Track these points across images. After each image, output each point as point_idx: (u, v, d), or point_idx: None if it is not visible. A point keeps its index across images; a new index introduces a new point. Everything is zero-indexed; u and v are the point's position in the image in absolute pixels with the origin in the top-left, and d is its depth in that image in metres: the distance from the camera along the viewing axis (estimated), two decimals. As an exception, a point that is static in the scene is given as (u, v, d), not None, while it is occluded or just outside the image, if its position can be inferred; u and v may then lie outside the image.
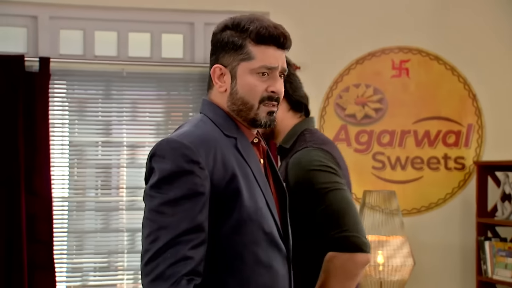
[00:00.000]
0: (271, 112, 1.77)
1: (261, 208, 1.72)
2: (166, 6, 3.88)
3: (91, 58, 3.84)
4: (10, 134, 3.52)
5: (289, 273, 1.79)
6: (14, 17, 3.77)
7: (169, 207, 1.63)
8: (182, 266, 1.60)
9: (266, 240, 1.72)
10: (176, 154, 1.65)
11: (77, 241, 3.80)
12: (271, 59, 1.76)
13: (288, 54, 4.10)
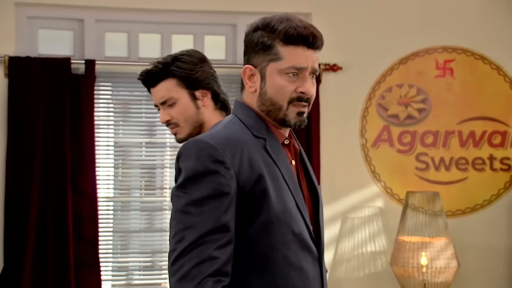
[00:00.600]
0: (300, 113, 1.75)
1: (290, 209, 1.70)
2: (208, 8, 3.89)
3: (135, 60, 3.87)
4: (57, 135, 3.56)
5: (320, 276, 1.77)
6: (62, 21, 3.82)
7: (195, 207, 1.63)
8: (208, 266, 1.60)
9: (296, 242, 1.70)
10: (202, 154, 1.65)
11: (122, 241, 3.84)
12: (300, 60, 1.73)
13: (331, 54, 4.11)
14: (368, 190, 3.96)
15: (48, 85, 3.58)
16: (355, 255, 3.88)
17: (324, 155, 3.89)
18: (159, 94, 2.17)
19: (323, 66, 3.88)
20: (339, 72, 3.94)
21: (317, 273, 1.76)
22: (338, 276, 3.86)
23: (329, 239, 3.87)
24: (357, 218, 3.89)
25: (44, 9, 3.78)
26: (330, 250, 3.88)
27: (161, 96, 2.17)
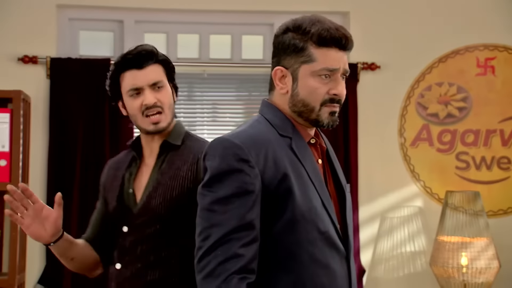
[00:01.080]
0: (333, 113, 1.76)
1: (316, 207, 1.71)
2: (246, 8, 3.88)
3: (174, 60, 3.86)
4: (97, 135, 3.60)
5: (348, 274, 1.77)
6: (102, 22, 3.85)
7: (220, 205, 1.64)
8: (233, 263, 1.61)
9: (322, 240, 1.70)
10: (226, 153, 1.66)
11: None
12: (332, 61, 1.73)
13: (369, 53, 4.07)
14: (407, 190, 3.91)
15: (88, 86, 3.61)
16: (394, 255, 3.84)
17: (362, 154, 3.85)
18: (149, 76, 2.13)
19: (361, 65, 3.84)
20: (377, 71, 3.90)
21: (345, 271, 1.75)
22: (376, 276, 3.82)
23: (368, 239, 3.84)
24: (396, 218, 3.85)
25: (85, 11, 3.82)
26: (369, 250, 3.84)
27: (152, 78, 2.14)
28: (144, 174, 2.19)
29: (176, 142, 2.17)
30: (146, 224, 2.10)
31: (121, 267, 2.13)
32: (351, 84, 3.81)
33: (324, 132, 3.66)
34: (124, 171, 2.22)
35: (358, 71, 3.83)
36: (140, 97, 2.14)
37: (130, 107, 2.16)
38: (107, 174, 2.29)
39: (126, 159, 2.26)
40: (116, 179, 2.22)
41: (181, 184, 2.11)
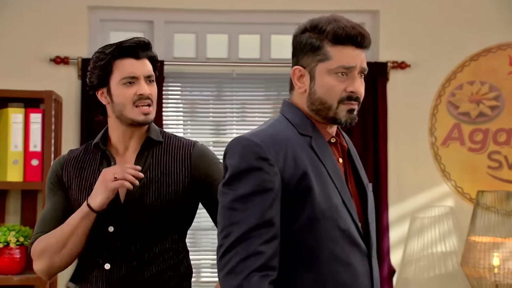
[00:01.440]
0: (351, 110, 1.77)
1: (336, 206, 1.72)
2: (275, 8, 3.86)
3: (203, 60, 3.88)
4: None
5: (370, 272, 1.77)
6: (132, 23, 3.87)
7: (240, 203, 1.66)
8: (253, 261, 1.63)
9: (344, 237, 1.72)
10: (246, 152, 1.68)
11: (193, 238, 3.84)
12: (348, 59, 1.75)
13: (399, 51, 4.02)
14: (438, 189, 3.85)
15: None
16: (425, 255, 3.79)
17: (392, 153, 3.80)
18: (146, 67, 2.10)
19: (391, 63, 3.80)
20: (408, 69, 3.85)
21: (366, 269, 1.76)
22: (407, 276, 3.78)
23: (398, 239, 3.79)
24: (427, 217, 3.80)
25: (116, 12, 3.83)
26: (399, 250, 3.79)
27: (148, 70, 2.11)
28: None
29: (159, 139, 2.14)
30: (139, 222, 2.07)
31: (111, 267, 2.07)
32: (381, 83, 3.77)
33: (354, 131, 3.65)
34: (95, 169, 2.12)
35: (388, 70, 3.79)
36: (134, 86, 2.08)
37: (121, 96, 2.08)
38: (67, 173, 2.15)
39: (90, 158, 2.16)
40: (85, 179, 2.12)
41: (175, 180, 2.10)
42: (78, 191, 2.12)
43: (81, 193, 2.12)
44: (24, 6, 3.65)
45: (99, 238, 2.08)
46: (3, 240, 3.22)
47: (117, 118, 2.12)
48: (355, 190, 1.83)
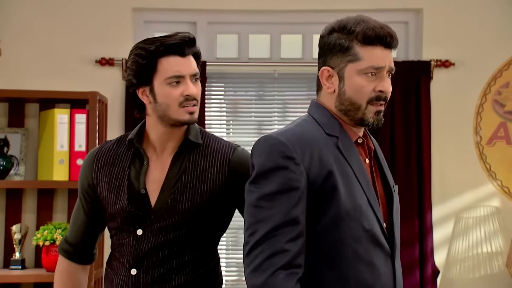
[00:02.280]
0: (378, 112, 1.77)
1: (361, 205, 1.71)
2: (316, 7, 3.80)
3: (245, 60, 3.85)
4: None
5: (393, 272, 1.77)
6: (176, 24, 3.86)
7: (266, 201, 1.67)
8: (279, 258, 1.63)
9: (367, 237, 1.71)
10: (272, 151, 1.69)
11: (233, 237, 3.82)
12: (378, 60, 1.75)
13: (443, 50, 3.91)
14: (483, 189, 3.75)
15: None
16: (470, 255, 3.68)
17: (435, 153, 3.71)
18: (192, 65, 1.98)
19: (434, 62, 3.70)
20: (451, 68, 3.75)
21: (389, 269, 1.75)
22: (451, 277, 3.68)
23: (442, 239, 3.71)
24: (472, 218, 3.69)
25: (160, 14, 3.83)
26: (443, 251, 3.70)
27: (194, 68, 1.98)
28: (157, 173, 2.01)
29: (198, 141, 2.02)
30: (170, 228, 1.96)
31: (137, 272, 1.97)
32: (424, 81, 3.68)
33: (397, 130, 3.56)
34: (125, 167, 2.03)
35: (432, 69, 3.70)
36: (181, 86, 1.95)
37: (166, 96, 1.95)
38: (98, 169, 2.06)
39: (122, 154, 2.05)
40: (115, 177, 2.03)
41: (210, 188, 1.99)
42: (107, 190, 2.03)
43: (110, 192, 2.02)
44: (70, 8, 3.68)
45: (128, 241, 1.99)
46: (50, 238, 3.25)
47: (158, 118, 1.99)
48: (381, 191, 1.82)
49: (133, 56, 1.98)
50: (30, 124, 3.59)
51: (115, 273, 2.03)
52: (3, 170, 3.40)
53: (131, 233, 1.99)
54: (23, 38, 3.62)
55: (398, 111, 3.65)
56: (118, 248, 2.03)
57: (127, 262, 1.99)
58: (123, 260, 2.00)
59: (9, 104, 3.57)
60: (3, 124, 3.57)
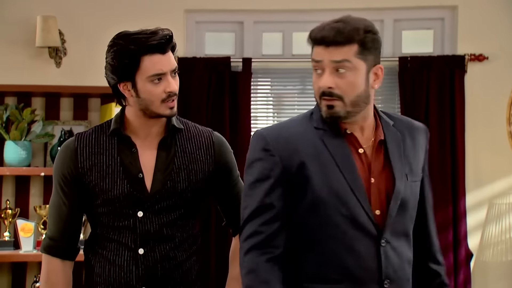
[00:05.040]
0: (328, 106, 1.74)
1: (337, 192, 1.72)
2: (357, 6, 3.77)
3: (289, 56, 3.86)
4: (218, 125, 3.62)
5: (378, 257, 1.73)
6: (225, 24, 3.89)
7: (249, 189, 1.78)
8: (252, 239, 1.74)
9: (346, 223, 1.72)
10: (254, 144, 1.79)
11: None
12: (315, 54, 1.82)
13: (476, 44, 3.84)
14: (515, 177, 3.68)
15: (210, 82, 3.67)
16: (503, 239, 3.63)
17: (469, 143, 3.69)
18: (171, 62, 1.95)
19: (468, 56, 3.64)
20: (485, 62, 3.68)
21: (373, 254, 1.72)
22: (484, 259, 3.64)
23: (475, 224, 3.68)
24: (504, 204, 3.63)
25: (210, 14, 3.87)
26: (476, 235, 3.67)
27: (173, 63, 1.96)
28: (146, 158, 2.00)
29: (180, 126, 2.04)
30: (170, 208, 1.99)
31: (145, 251, 1.97)
32: (459, 75, 3.64)
33: (431, 121, 3.51)
34: (114, 155, 1.98)
35: (466, 63, 3.65)
36: (162, 83, 1.93)
37: (149, 93, 1.93)
38: (83, 159, 1.99)
39: (106, 142, 2.00)
40: (105, 164, 1.98)
41: (201, 168, 2.03)
42: (99, 177, 1.98)
43: (103, 179, 1.97)
44: (126, 11, 3.74)
45: (127, 223, 1.97)
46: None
47: (140, 110, 1.97)
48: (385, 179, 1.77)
49: (113, 52, 1.94)
50: (92, 117, 3.68)
51: (116, 254, 1.98)
52: (68, 159, 3.48)
53: (130, 216, 1.97)
54: (86, 39, 3.71)
55: (433, 103, 3.62)
56: (114, 231, 1.99)
57: (131, 242, 1.97)
58: (125, 240, 1.97)
59: (74, 99, 3.67)
60: (68, 117, 3.67)
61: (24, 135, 3.48)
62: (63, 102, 3.67)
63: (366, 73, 1.74)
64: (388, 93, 3.78)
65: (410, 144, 1.84)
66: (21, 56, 3.66)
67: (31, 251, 3.38)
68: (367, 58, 1.74)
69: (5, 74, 3.60)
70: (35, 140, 3.52)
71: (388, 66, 3.72)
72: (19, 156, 3.45)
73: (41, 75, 3.65)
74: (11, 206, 3.52)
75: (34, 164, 3.61)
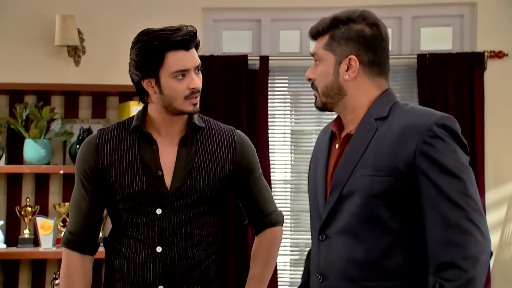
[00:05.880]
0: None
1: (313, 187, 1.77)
2: (373, 3, 3.71)
3: (306, 54, 3.82)
4: (235, 123, 3.58)
5: (318, 252, 1.72)
6: (242, 22, 3.87)
7: None
8: None
9: (313, 215, 1.76)
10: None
11: (295, 219, 3.80)
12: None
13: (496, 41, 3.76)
14: (536, 175, 3.61)
15: (228, 79, 3.64)
16: (523, 238, 3.55)
17: (489, 141, 3.62)
18: (195, 58, 1.95)
19: (488, 53, 3.58)
20: (505, 58, 3.63)
21: (316, 249, 1.73)
22: (504, 258, 3.58)
23: (495, 222, 3.60)
24: (525, 202, 3.56)
25: (227, 13, 3.85)
26: (496, 233, 3.60)
27: (197, 60, 1.96)
28: (166, 156, 1.98)
29: (201, 124, 2.02)
30: (189, 206, 1.96)
31: (163, 249, 1.94)
32: (478, 72, 3.58)
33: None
34: (134, 151, 1.97)
35: (485, 60, 3.59)
36: (186, 79, 1.92)
37: (173, 89, 1.92)
38: (103, 154, 1.98)
39: (127, 139, 1.99)
40: (126, 161, 1.97)
41: (222, 167, 2.00)
42: (119, 173, 1.97)
43: (122, 175, 1.96)
44: (144, 10, 3.73)
45: (146, 220, 1.96)
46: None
47: (163, 107, 1.96)
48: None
49: (137, 49, 1.94)
50: (110, 115, 3.68)
51: (134, 252, 1.97)
52: (87, 157, 3.47)
53: (149, 213, 1.95)
54: (104, 38, 3.70)
55: (452, 100, 3.57)
56: (133, 228, 1.97)
57: (150, 240, 1.95)
58: (144, 238, 1.96)
59: (93, 97, 3.67)
60: (87, 115, 3.67)
61: (43, 133, 3.48)
62: (82, 100, 3.67)
63: (335, 64, 1.72)
64: (407, 91, 3.73)
65: (391, 138, 1.64)
66: (40, 55, 3.66)
67: (50, 248, 3.38)
68: (335, 49, 1.72)
69: (24, 73, 3.61)
70: (54, 138, 3.52)
71: (407, 63, 3.67)
72: (38, 154, 3.45)
73: (60, 74, 3.64)
74: (31, 203, 3.53)
75: (53, 162, 3.61)
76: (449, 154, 1.60)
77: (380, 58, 1.75)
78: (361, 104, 1.72)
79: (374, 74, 1.73)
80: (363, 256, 1.63)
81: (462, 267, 1.51)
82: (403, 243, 1.62)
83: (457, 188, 1.57)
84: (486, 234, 1.56)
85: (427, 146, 1.60)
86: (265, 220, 2.14)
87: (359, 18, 1.77)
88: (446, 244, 1.55)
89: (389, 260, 1.61)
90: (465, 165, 1.61)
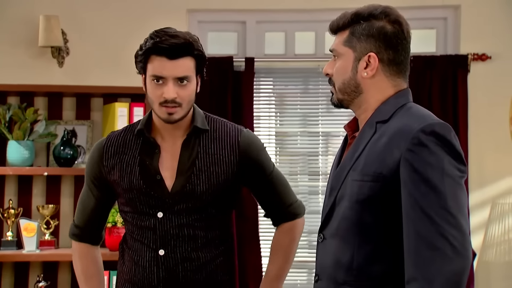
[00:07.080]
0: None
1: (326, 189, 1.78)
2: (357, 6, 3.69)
3: (291, 56, 3.80)
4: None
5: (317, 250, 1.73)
6: (227, 23, 3.83)
7: None
8: None
9: None
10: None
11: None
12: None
13: (479, 44, 3.74)
14: (518, 177, 3.60)
15: (213, 81, 3.59)
16: (505, 239, 3.55)
17: (472, 143, 3.61)
18: (177, 70, 1.88)
19: (471, 55, 3.57)
20: (488, 61, 3.61)
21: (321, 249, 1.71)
22: (487, 259, 3.56)
23: (478, 223, 3.60)
24: (507, 204, 3.56)
25: (212, 14, 3.80)
26: (479, 235, 3.59)
27: (179, 72, 1.88)
28: (168, 160, 1.97)
29: (205, 127, 1.99)
30: (191, 209, 1.94)
31: (165, 252, 1.94)
32: (462, 74, 3.56)
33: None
34: (135, 155, 1.98)
35: (469, 62, 3.58)
36: (162, 87, 1.90)
37: (151, 92, 1.92)
38: (108, 158, 2.01)
39: (131, 142, 2.01)
40: (126, 164, 1.98)
41: (224, 170, 1.97)
42: (119, 175, 1.99)
43: (122, 179, 1.98)
44: (129, 10, 3.67)
45: (148, 224, 1.96)
46: (111, 220, 3.27)
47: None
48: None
49: (140, 45, 1.97)
50: (95, 117, 3.62)
51: (139, 255, 1.98)
52: (71, 159, 3.43)
53: (151, 216, 1.95)
54: (89, 38, 3.64)
55: (436, 102, 3.55)
56: (137, 231, 1.98)
57: (152, 244, 1.96)
58: (147, 241, 1.96)
59: (77, 98, 3.61)
60: (71, 117, 3.61)
61: (26, 134, 3.41)
62: (65, 101, 3.61)
63: (354, 61, 1.65)
64: (391, 93, 3.71)
65: (383, 143, 1.58)
66: (24, 56, 3.59)
67: (33, 251, 3.32)
68: (355, 46, 1.65)
69: (7, 74, 3.54)
70: (38, 140, 3.46)
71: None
72: (21, 156, 3.39)
73: (44, 75, 3.58)
74: (14, 205, 3.46)
75: (36, 163, 3.55)
76: (432, 164, 1.49)
77: (400, 56, 1.65)
78: (372, 104, 1.66)
79: (392, 73, 1.65)
80: (349, 260, 1.59)
81: (421, 285, 1.46)
82: (385, 251, 1.56)
83: (434, 202, 1.47)
84: (460, 250, 1.45)
85: (410, 154, 1.52)
86: (284, 213, 2.10)
87: (381, 14, 1.67)
88: (414, 257, 1.49)
89: (372, 267, 1.57)
90: (451, 176, 1.49)
